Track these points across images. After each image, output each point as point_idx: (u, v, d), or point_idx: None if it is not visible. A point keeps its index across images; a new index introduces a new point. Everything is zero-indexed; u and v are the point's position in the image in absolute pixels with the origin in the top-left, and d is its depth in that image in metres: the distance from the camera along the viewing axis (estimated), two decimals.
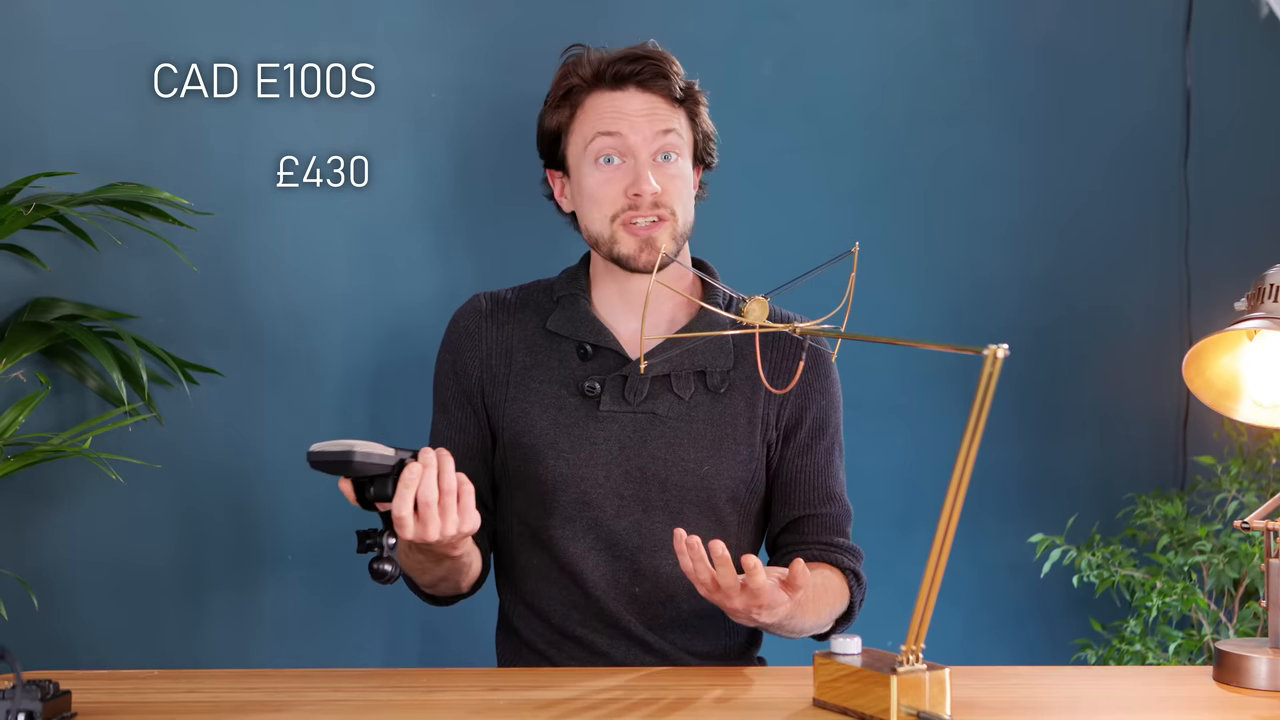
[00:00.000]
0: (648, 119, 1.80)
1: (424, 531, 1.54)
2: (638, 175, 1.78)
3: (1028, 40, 2.49)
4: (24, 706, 1.29)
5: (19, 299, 2.19)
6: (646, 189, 1.77)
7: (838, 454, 1.90)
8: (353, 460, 1.49)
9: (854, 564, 1.84)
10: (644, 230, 1.79)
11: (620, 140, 1.79)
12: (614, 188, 1.80)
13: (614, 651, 1.82)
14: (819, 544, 1.84)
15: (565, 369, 1.84)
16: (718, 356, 1.84)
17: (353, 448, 1.49)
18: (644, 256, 1.79)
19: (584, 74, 1.81)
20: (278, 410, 2.28)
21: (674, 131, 1.81)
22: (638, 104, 1.80)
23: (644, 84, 1.80)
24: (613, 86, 1.81)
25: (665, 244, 1.79)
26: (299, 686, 1.62)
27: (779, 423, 1.86)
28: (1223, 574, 2.25)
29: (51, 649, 2.19)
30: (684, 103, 1.83)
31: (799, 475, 1.86)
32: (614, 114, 1.80)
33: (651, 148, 1.79)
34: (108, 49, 2.22)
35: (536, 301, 1.90)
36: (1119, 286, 2.51)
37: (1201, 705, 1.55)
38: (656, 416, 1.82)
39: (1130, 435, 2.52)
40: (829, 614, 1.78)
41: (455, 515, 1.55)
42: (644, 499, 1.81)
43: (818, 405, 1.87)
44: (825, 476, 1.87)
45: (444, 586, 1.80)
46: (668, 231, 1.79)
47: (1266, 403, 1.69)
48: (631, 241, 1.79)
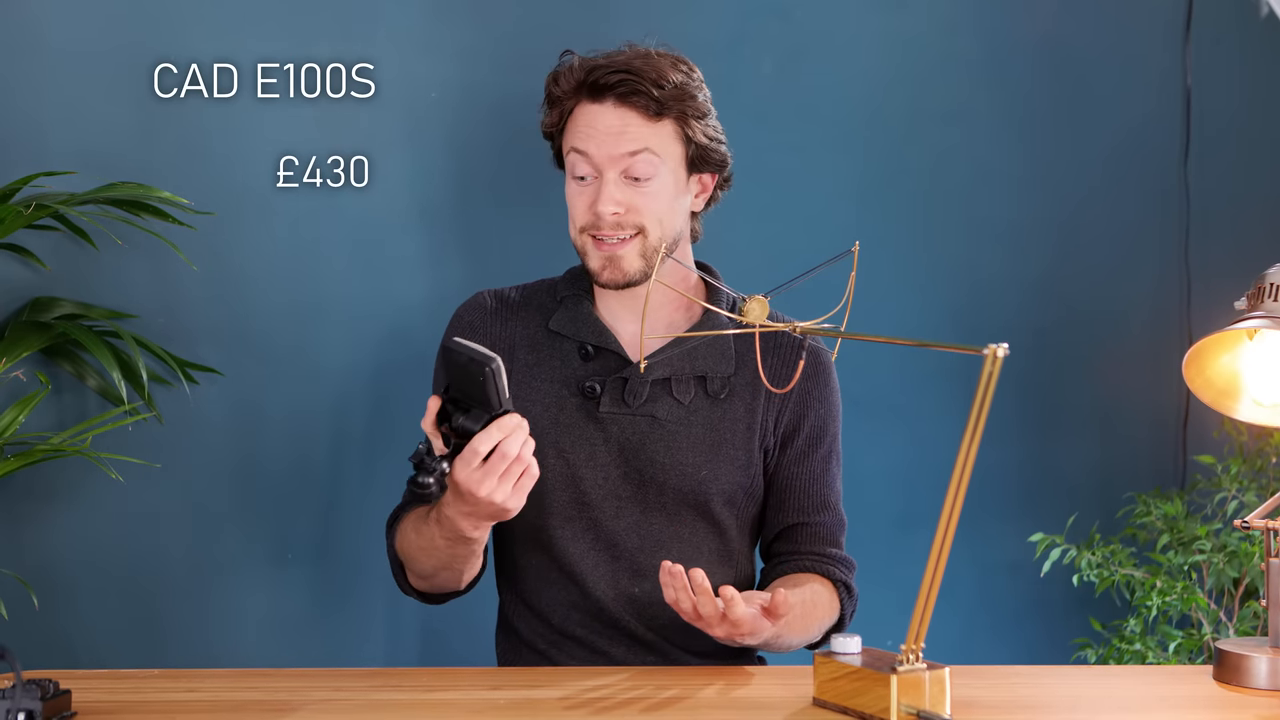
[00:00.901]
0: (616, 139, 1.78)
1: (479, 484, 1.54)
2: (598, 194, 1.79)
3: (1028, 40, 2.49)
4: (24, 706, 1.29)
5: (19, 298, 2.19)
6: (605, 210, 1.78)
7: (835, 463, 1.89)
8: (487, 368, 1.50)
9: (845, 576, 1.85)
10: (608, 248, 1.79)
11: (588, 159, 1.79)
12: (583, 200, 1.81)
13: (614, 651, 1.83)
14: (811, 554, 1.85)
15: (567, 369, 1.84)
16: (719, 362, 1.84)
17: (495, 359, 1.50)
18: (606, 274, 1.80)
19: (566, 86, 1.81)
20: (277, 409, 2.28)
21: (646, 151, 1.78)
22: (611, 120, 1.79)
23: (621, 98, 1.78)
24: (591, 98, 1.80)
25: (631, 262, 1.79)
26: (299, 686, 1.62)
27: (777, 429, 1.86)
28: (1223, 573, 2.25)
29: (51, 648, 2.19)
30: (666, 114, 1.80)
31: (794, 483, 1.87)
32: (586, 130, 1.79)
33: (619, 167, 1.79)
34: (108, 49, 2.22)
35: (540, 301, 1.90)
36: (1119, 285, 2.51)
37: (1201, 705, 1.55)
38: (656, 420, 1.82)
39: (1130, 434, 2.52)
40: (818, 628, 1.80)
41: (511, 486, 1.56)
42: (642, 500, 1.81)
43: (816, 413, 1.87)
44: (820, 485, 1.87)
45: (442, 579, 1.79)
46: (635, 249, 1.79)
47: (1266, 402, 1.70)
48: (597, 257, 1.81)
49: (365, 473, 2.29)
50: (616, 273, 1.80)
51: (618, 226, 1.79)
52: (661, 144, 1.80)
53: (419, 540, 1.74)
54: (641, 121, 1.79)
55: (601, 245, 1.80)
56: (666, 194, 1.81)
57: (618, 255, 1.79)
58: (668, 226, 1.81)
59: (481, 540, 1.70)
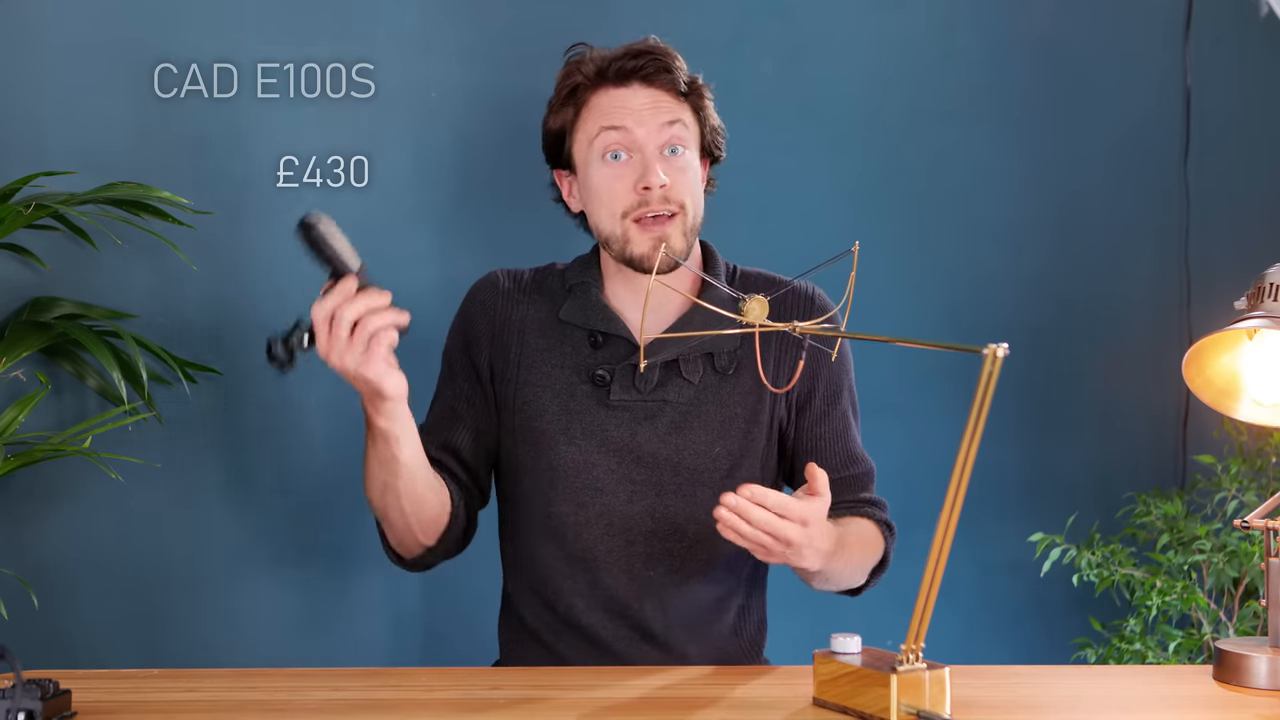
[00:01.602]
0: (652, 112, 1.79)
1: (326, 354, 1.56)
2: (645, 169, 1.77)
3: (1027, 39, 2.49)
4: (24, 705, 1.29)
5: (19, 298, 2.19)
6: (655, 182, 1.76)
7: (853, 416, 1.91)
8: (316, 228, 1.53)
9: (884, 515, 1.87)
10: (655, 226, 1.78)
11: (626, 135, 1.78)
12: (622, 183, 1.79)
13: (617, 644, 1.82)
14: (847, 502, 1.86)
15: (577, 356, 1.84)
16: (725, 338, 1.84)
17: (328, 235, 1.54)
18: (658, 255, 1.78)
19: (587, 72, 1.81)
20: (277, 409, 2.28)
21: (680, 123, 1.80)
22: (642, 98, 1.80)
23: (648, 79, 1.80)
24: (616, 83, 1.80)
25: (676, 240, 1.78)
26: (299, 686, 1.62)
27: (788, 396, 1.86)
28: (1222, 573, 2.25)
29: (51, 648, 2.19)
30: (689, 96, 1.82)
31: (819, 443, 1.87)
32: (619, 109, 1.79)
33: (658, 141, 1.79)
34: (108, 48, 2.22)
35: (550, 287, 1.89)
36: (1119, 285, 2.51)
37: (1201, 704, 1.55)
38: (667, 403, 1.82)
39: (1130, 434, 2.52)
40: (871, 559, 1.81)
41: (359, 352, 1.55)
42: (656, 484, 1.81)
43: (828, 371, 1.87)
44: (845, 440, 1.88)
45: (393, 512, 1.73)
46: (679, 226, 1.79)
47: (1266, 401, 1.69)
48: (644, 240, 1.78)
49: None
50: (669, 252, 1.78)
51: (665, 200, 1.77)
52: (687, 121, 1.82)
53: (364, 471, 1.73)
54: (670, 98, 1.81)
55: (648, 226, 1.78)
56: (696, 172, 1.83)
57: (666, 234, 1.78)
58: (698, 206, 1.82)
59: (396, 439, 1.65)
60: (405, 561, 1.83)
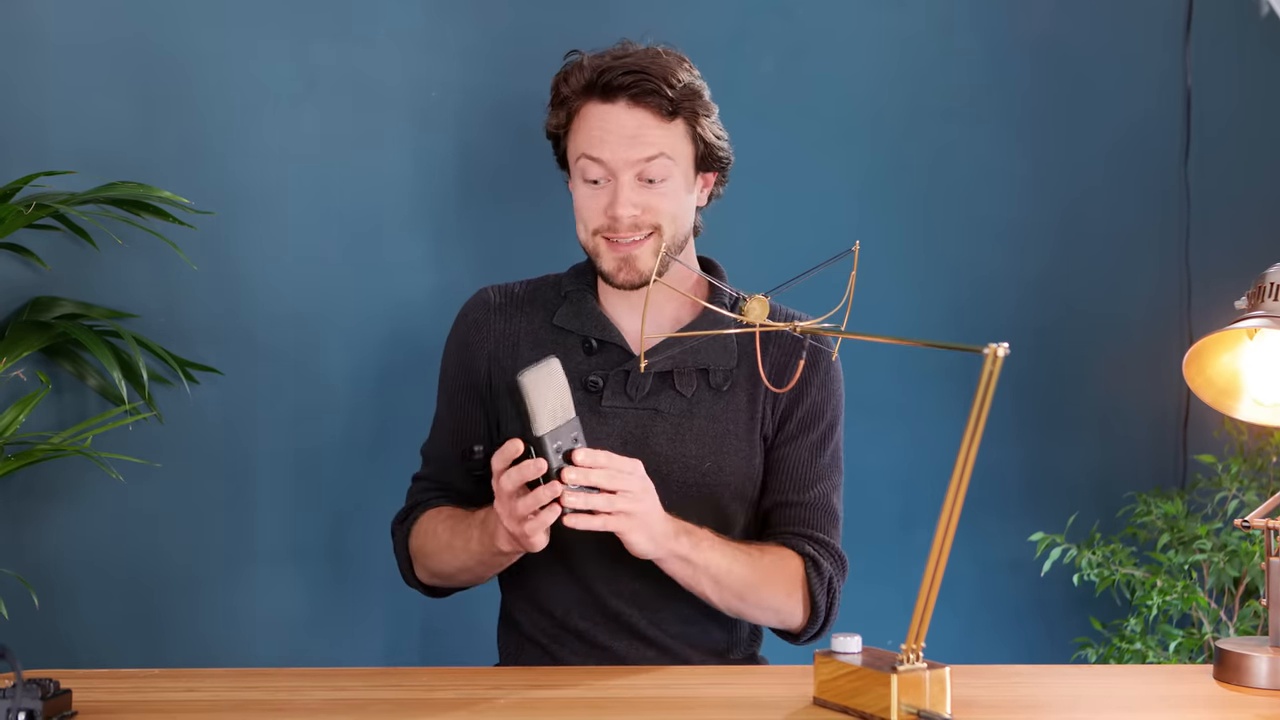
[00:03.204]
0: (632, 143, 1.77)
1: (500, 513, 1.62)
2: (614, 199, 1.78)
3: (1028, 39, 2.49)
4: (24, 705, 1.29)
5: (19, 298, 2.19)
6: (622, 214, 1.77)
7: (828, 454, 1.86)
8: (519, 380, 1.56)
9: (816, 553, 1.80)
10: (623, 248, 1.79)
11: (602, 165, 1.79)
12: (596, 203, 1.80)
13: (616, 646, 1.82)
14: (786, 533, 1.82)
15: (570, 363, 1.83)
16: (721, 355, 1.84)
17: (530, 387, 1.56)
18: (622, 275, 1.80)
19: (575, 85, 1.80)
20: (278, 409, 2.28)
21: (661, 156, 1.78)
22: (625, 121, 1.78)
23: (635, 99, 1.78)
24: (603, 98, 1.79)
25: (644, 261, 1.79)
26: (299, 686, 1.62)
27: (774, 414, 1.85)
28: (1223, 572, 2.25)
29: (52, 648, 2.19)
30: (681, 114, 1.80)
31: (780, 464, 1.85)
32: (600, 134, 1.78)
33: (634, 171, 1.78)
34: (108, 47, 2.22)
35: (544, 296, 1.90)
36: (1119, 285, 2.51)
37: (1202, 704, 1.55)
38: (659, 413, 1.82)
39: (1130, 434, 2.52)
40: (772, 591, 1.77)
41: (519, 521, 1.60)
42: None
43: (812, 398, 1.86)
44: (806, 468, 1.84)
45: (461, 580, 1.83)
46: (650, 248, 1.79)
47: (1267, 401, 1.69)
48: (611, 259, 1.80)
49: (366, 472, 2.29)
50: (632, 273, 1.80)
51: (634, 228, 1.78)
52: (674, 145, 1.80)
53: (451, 539, 1.77)
54: (655, 122, 1.78)
55: (616, 247, 1.79)
56: (679, 194, 1.81)
57: (633, 255, 1.79)
58: (680, 225, 1.82)
59: (510, 558, 1.74)
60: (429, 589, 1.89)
